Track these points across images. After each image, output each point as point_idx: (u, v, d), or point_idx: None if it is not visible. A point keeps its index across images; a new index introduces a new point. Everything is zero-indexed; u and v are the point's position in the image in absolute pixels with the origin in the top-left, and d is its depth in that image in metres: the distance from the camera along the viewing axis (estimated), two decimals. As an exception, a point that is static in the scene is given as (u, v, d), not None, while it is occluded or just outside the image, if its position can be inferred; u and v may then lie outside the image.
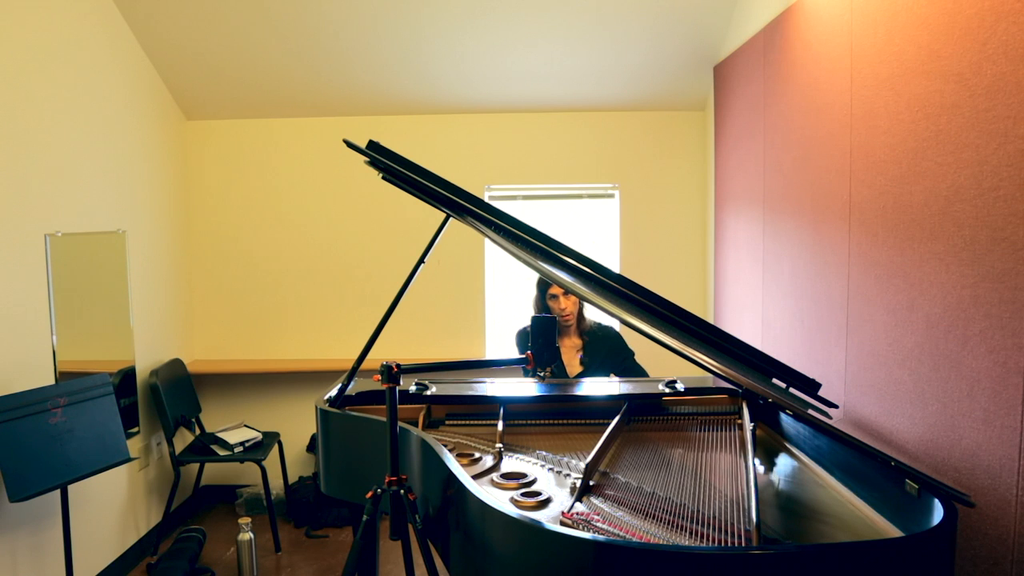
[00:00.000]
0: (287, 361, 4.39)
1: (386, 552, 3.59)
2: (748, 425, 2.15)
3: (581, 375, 3.11)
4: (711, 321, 4.03)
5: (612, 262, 4.41)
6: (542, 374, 2.40)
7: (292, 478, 4.36)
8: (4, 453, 2.49)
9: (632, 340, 3.18)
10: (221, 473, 4.42)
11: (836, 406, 2.13)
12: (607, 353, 3.15)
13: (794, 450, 2.13)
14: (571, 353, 3.17)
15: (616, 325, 3.21)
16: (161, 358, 3.98)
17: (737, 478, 1.91)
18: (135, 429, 3.64)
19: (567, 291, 2.71)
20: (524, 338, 3.31)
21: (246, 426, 4.04)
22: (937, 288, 1.92)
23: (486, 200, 3.97)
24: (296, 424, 4.37)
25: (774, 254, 3.13)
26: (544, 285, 3.16)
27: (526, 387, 2.73)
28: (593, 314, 3.23)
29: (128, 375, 3.60)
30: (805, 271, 2.79)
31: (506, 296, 4.52)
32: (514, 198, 4.49)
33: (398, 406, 2.00)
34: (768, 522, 1.70)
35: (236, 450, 3.79)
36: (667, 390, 2.55)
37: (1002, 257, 1.67)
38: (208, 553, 3.75)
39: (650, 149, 4.39)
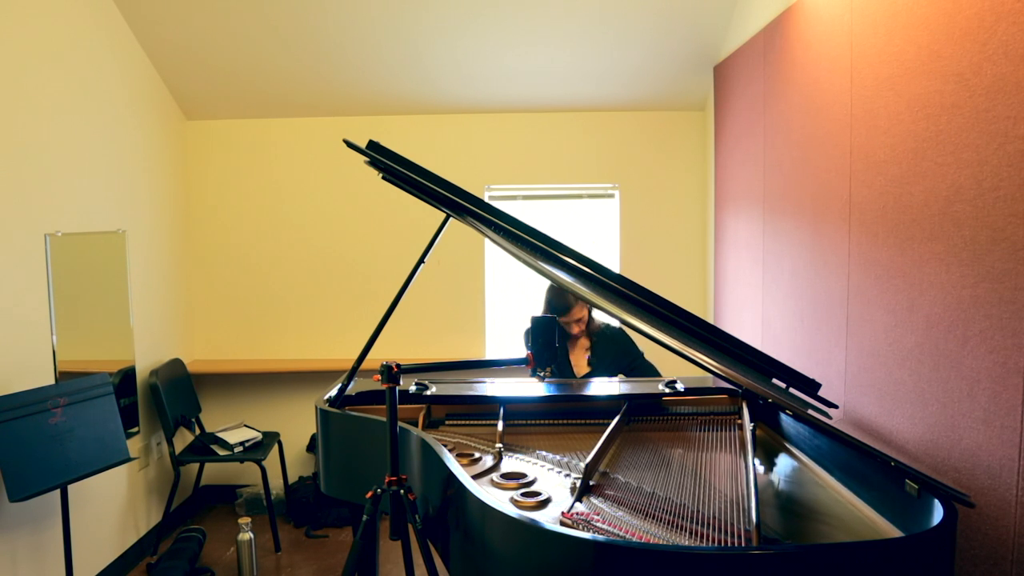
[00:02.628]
0: (287, 361, 4.39)
1: (386, 552, 3.59)
2: (748, 425, 2.15)
3: (589, 375, 3.11)
4: (711, 321, 4.03)
5: (612, 262, 4.41)
6: (542, 374, 2.40)
7: (292, 478, 4.36)
8: (4, 453, 2.49)
9: (635, 340, 3.18)
10: (221, 473, 4.42)
11: (836, 406, 2.13)
12: (616, 354, 3.15)
13: (794, 450, 2.13)
14: (579, 354, 3.16)
15: (617, 325, 3.21)
16: (161, 358, 3.98)
17: (737, 478, 1.91)
18: (135, 429, 3.64)
19: (577, 297, 2.68)
20: (529, 337, 3.28)
21: (246, 426, 4.04)
22: (937, 288, 1.92)
23: (486, 200, 3.97)
24: (296, 424, 4.37)
25: (774, 254, 3.12)
26: (558, 309, 2.99)
27: (526, 387, 2.73)
28: (601, 315, 3.21)
29: (128, 375, 3.60)
30: (805, 271, 2.79)
31: (506, 296, 4.52)
32: (514, 198, 4.49)
33: (398, 406, 2.00)
34: (768, 522, 1.70)
35: (236, 450, 3.79)
36: (667, 390, 2.55)
37: (1002, 257, 1.67)
38: (208, 553, 3.75)
39: (650, 149, 4.39)
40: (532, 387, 2.73)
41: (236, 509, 4.26)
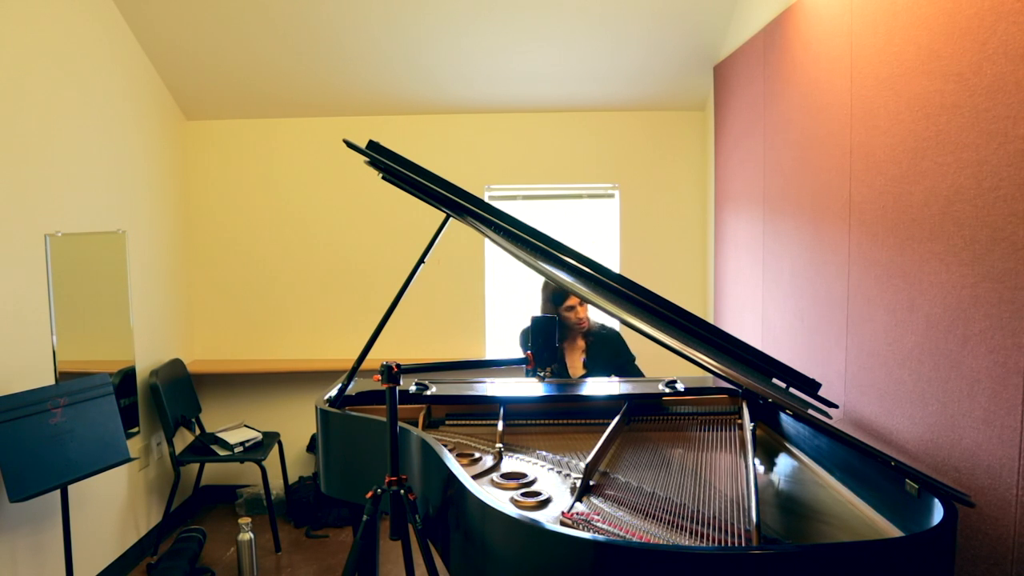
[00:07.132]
0: (287, 361, 4.39)
1: (386, 552, 3.59)
2: (748, 425, 2.16)
3: (584, 376, 3.11)
4: (711, 321, 4.03)
5: (612, 262, 4.41)
6: (542, 374, 2.40)
7: (292, 478, 4.36)
8: (4, 453, 2.49)
9: (632, 340, 3.18)
10: (221, 473, 4.42)
11: (836, 406, 2.13)
12: (609, 355, 3.15)
13: (794, 450, 2.13)
14: (575, 355, 3.16)
15: (616, 325, 3.21)
16: (161, 358, 3.98)
17: (737, 478, 1.91)
18: (135, 429, 3.64)
19: (580, 298, 2.68)
20: (526, 337, 3.29)
21: (246, 426, 4.04)
22: (937, 288, 1.92)
23: (486, 200, 3.97)
24: (296, 424, 4.37)
25: (774, 254, 3.12)
26: (559, 298, 3.06)
27: (526, 387, 2.73)
28: (596, 315, 3.22)
29: (128, 375, 3.60)
30: (805, 271, 2.79)
31: (506, 296, 4.52)
32: (514, 198, 4.49)
33: (398, 406, 2.00)
34: (768, 522, 1.70)
35: (236, 450, 3.79)
36: (667, 390, 2.55)
37: (1002, 257, 1.67)
38: (208, 553, 3.75)
39: (650, 149, 4.39)
40: (532, 387, 2.73)
41: (236, 509, 4.26)
